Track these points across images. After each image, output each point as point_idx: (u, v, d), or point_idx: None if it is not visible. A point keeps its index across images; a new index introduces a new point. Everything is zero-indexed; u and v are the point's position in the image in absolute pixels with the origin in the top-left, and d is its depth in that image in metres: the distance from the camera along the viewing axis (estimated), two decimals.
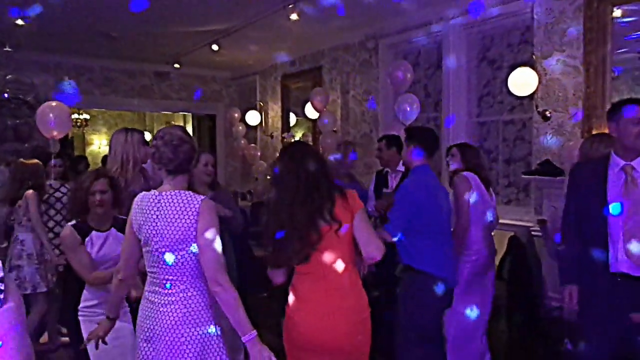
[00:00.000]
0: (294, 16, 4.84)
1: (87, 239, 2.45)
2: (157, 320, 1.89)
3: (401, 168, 3.75)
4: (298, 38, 6.27)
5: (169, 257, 1.87)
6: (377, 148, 3.96)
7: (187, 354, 1.85)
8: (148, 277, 2.00)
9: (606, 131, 3.04)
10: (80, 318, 2.45)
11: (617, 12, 3.90)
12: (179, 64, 7.36)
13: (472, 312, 3.10)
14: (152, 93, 8.31)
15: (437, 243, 2.55)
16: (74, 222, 2.49)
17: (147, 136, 6.35)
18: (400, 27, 5.53)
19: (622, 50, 3.99)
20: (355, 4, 4.71)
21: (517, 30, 4.66)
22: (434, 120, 5.49)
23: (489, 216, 3.19)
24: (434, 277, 2.54)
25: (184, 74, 8.32)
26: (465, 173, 3.17)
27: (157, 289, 1.93)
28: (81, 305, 2.47)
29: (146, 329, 1.92)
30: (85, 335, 2.35)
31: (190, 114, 10.52)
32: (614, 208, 2.15)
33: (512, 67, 4.30)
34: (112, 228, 2.53)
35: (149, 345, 1.91)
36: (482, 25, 4.87)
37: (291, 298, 2.09)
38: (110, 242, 2.50)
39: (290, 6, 4.78)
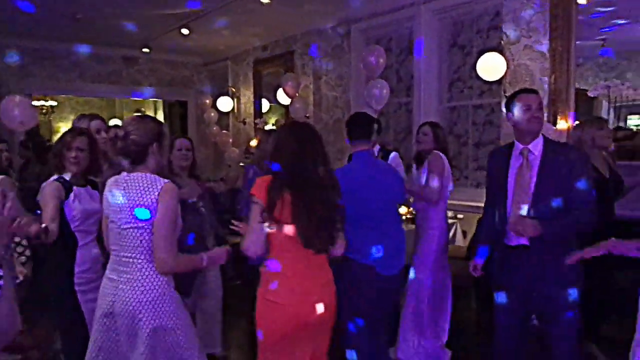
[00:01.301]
0: None
1: (71, 194, 2.49)
2: (117, 297, 2.00)
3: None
4: (270, 23, 6.22)
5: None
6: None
7: (143, 330, 1.96)
8: (110, 257, 2.11)
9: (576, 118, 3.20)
10: (76, 288, 2.48)
11: (582, 0, 3.99)
12: (148, 48, 7.20)
13: (437, 284, 3.26)
14: (121, 78, 8.13)
15: (361, 230, 2.51)
16: (56, 177, 2.52)
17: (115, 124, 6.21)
18: (372, 12, 5.55)
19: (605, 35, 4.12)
20: None
21: (487, 16, 4.73)
22: (405, 105, 5.55)
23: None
24: (358, 264, 2.55)
25: (153, 59, 8.16)
26: (441, 153, 3.24)
27: (117, 267, 2.05)
28: (77, 270, 2.49)
29: (106, 305, 2.04)
30: (86, 315, 2.43)
31: (161, 100, 10.33)
32: None
33: (481, 53, 4.37)
34: (88, 185, 2.62)
35: (109, 320, 2.03)
36: (452, 11, 4.92)
37: (275, 283, 2.07)
38: (88, 198, 2.57)
39: None
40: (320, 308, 2.09)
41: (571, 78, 3.99)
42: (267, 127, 7.40)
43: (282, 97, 6.36)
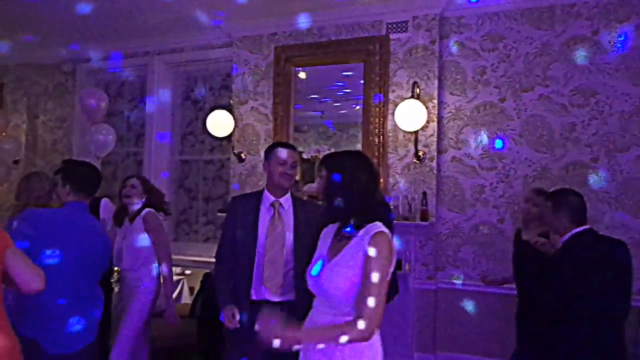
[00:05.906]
0: None
1: None
2: None
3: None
4: None
5: None
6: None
7: None
8: None
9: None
10: None
11: (302, 75, 4.50)
12: None
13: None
14: None
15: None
16: None
17: None
18: (103, 55, 5.19)
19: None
20: (49, 21, 4.19)
21: (219, 75, 4.92)
22: (134, 155, 5.24)
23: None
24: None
25: None
26: (152, 211, 3.08)
27: None
28: None
29: None
30: None
31: None
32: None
33: (213, 109, 4.48)
34: None
35: None
36: (187, 66, 4.98)
37: None
38: None
39: None
40: None
41: (291, 140, 4.39)
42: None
43: None
